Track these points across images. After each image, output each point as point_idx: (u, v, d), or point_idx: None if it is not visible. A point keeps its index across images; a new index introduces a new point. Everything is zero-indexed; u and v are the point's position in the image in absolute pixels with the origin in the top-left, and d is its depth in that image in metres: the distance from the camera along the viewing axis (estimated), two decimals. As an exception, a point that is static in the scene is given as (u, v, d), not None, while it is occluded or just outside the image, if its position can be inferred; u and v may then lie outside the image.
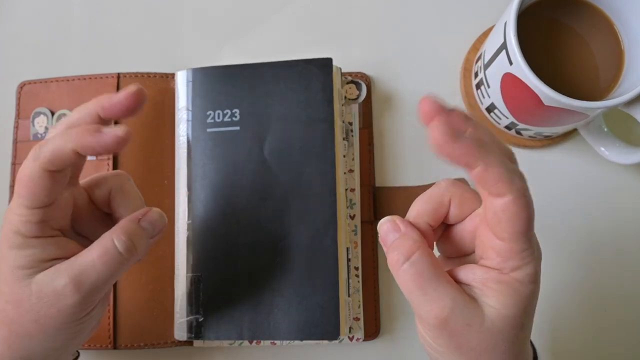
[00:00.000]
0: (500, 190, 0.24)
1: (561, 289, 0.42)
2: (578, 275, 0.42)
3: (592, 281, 0.42)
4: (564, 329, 0.42)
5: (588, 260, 0.42)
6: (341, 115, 0.40)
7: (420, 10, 0.45)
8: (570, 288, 0.42)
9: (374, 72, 0.44)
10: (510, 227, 0.24)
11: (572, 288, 0.42)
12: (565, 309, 0.42)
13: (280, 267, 0.37)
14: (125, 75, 0.42)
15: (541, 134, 0.41)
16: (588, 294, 0.42)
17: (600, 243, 0.42)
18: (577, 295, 0.42)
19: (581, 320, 0.42)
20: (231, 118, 0.39)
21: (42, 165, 0.27)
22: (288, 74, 0.38)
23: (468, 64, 0.44)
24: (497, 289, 0.25)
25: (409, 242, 0.26)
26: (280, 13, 0.46)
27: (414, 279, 0.26)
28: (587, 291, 0.42)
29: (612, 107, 0.34)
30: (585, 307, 0.42)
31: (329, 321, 0.35)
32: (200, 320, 0.37)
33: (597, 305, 0.42)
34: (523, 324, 0.26)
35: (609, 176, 0.43)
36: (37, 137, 0.42)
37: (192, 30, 0.46)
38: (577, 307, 0.42)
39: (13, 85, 0.44)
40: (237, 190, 0.38)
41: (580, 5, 0.38)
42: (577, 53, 0.38)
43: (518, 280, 0.25)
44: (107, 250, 0.28)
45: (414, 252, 0.26)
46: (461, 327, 0.25)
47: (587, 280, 0.42)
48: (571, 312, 0.42)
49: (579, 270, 0.42)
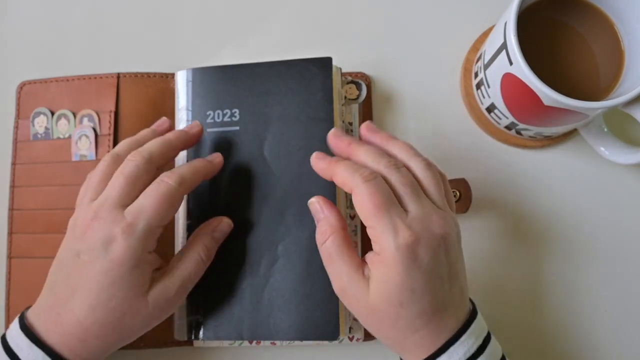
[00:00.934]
0: (348, 189, 0.31)
1: (560, 288, 0.42)
2: (578, 274, 0.42)
3: (592, 281, 0.42)
4: (563, 329, 0.42)
5: (588, 259, 0.42)
6: (341, 115, 0.40)
7: (420, 10, 0.45)
8: (570, 288, 0.42)
9: (374, 72, 0.44)
10: (361, 214, 0.31)
11: (572, 288, 0.42)
12: (564, 309, 0.42)
13: (281, 268, 0.37)
14: (125, 75, 0.42)
15: (541, 134, 0.41)
16: (588, 294, 0.42)
17: (600, 243, 0.42)
18: (576, 295, 0.42)
19: (581, 320, 0.42)
20: (231, 118, 0.39)
21: (185, 190, 0.34)
22: (288, 73, 0.38)
23: (468, 64, 0.44)
24: (374, 267, 0.31)
25: (327, 226, 0.33)
26: (280, 13, 0.46)
27: (326, 257, 0.33)
28: (586, 291, 0.42)
29: (612, 107, 0.34)
30: (585, 306, 0.42)
31: (328, 321, 0.35)
32: (200, 321, 0.37)
33: (597, 305, 0.42)
34: (400, 301, 0.30)
35: (609, 176, 0.43)
36: (37, 137, 0.42)
37: (192, 30, 0.46)
38: (577, 306, 0.42)
39: (13, 85, 0.44)
40: (237, 190, 0.38)
41: (581, 5, 0.38)
42: (577, 53, 0.38)
43: (384, 258, 0.30)
44: (198, 263, 0.34)
45: (328, 237, 0.32)
46: (354, 300, 0.31)
47: (587, 280, 0.42)
48: (571, 312, 0.42)
49: (579, 269, 0.42)
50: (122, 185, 0.32)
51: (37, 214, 0.41)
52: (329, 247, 0.32)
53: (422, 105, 0.44)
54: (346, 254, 0.32)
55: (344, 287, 0.31)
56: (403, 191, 0.31)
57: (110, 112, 0.42)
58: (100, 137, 0.41)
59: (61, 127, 0.42)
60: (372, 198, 0.30)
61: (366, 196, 0.30)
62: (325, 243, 0.32)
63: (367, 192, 0.30)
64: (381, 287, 0.30)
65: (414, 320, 0.30)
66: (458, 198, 0.40)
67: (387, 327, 0.31)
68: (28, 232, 0.41)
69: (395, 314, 0.30)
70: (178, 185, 0.33)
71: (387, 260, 0.30)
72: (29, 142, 0.42)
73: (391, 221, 0.30)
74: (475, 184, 0.42)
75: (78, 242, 0.32)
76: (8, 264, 0.41)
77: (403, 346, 0.31)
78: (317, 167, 0.34)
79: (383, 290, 0.30)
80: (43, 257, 0.41)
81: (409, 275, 0.29)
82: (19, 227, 0.42)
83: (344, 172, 0.32)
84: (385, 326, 0.31)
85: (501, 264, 0.42)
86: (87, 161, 0.41)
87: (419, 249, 0.30)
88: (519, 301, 0.42)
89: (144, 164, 0.33)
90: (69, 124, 0.42)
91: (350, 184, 0.31)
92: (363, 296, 0.30)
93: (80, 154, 0.41)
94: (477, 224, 0.42)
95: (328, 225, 0.33)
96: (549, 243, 0.42)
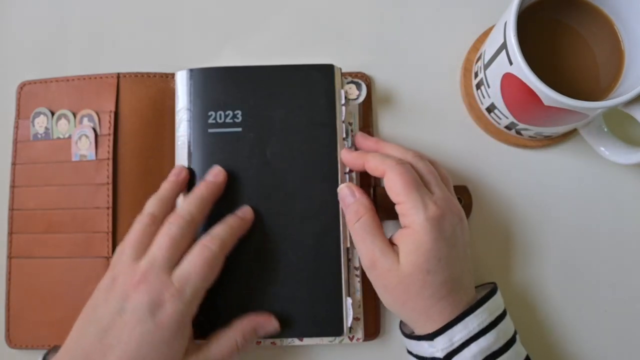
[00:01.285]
0: (379, 172, 0.35)
1: (560, 288, 0.42)
2: (577, 274, 0.42)
3: (592, 281, 0.42)
4: (563, 329, 0.42)
5: (587, 259, 0.42)
6: (341, 115, 0.40)
7: (420, 10, 0.45)
8: (570, 288, 0.42)
9: (374, 72, 0.44)
10: (393, 191, 0.34)
11: (572, 288, 0.42)
12: (564, 309, 0.42)
13: (283, 268, 0.38)
14: (125, 75, 0.42)
15: (541, 134, 0.41)
16: (588, 294, 0.42)
17: (600, 243, 0.42)
18: (576, 295, 0.42)
19: (581, 320, 0.42)
20: (233, 119, 0.39)
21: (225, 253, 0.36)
22: (291, 78, 0.39)
23: (468, 64, 0.44)
24: (403, 240, 0.34)
25: (360, 206, 0.36)
26: (281, 13, 0.46)
27: (360, 233, 0.35)
28: (586, 291, 0.42)
29: (612, 107, 0.34)
30: (585, 306, 0.42)
31: (332, 318, 0.36)
32: (201, 320, 0.37)
33: (596, 305, 0.42)
34: (428, 269, 0.33)
35: (609, 176, 0.43)
36: (37, 137, 0.42)
37: (192, 30, 0.46)
38: (577, 306, 0.42)
39: (13, 85, 0.43)
40: (239, 191, 0.38)
41: (581, 5, 0.38)
42: (577, 53, 0.38)
43: (414, 229, 0.33)
44: (232, 350, 0.35)
45: (363, 215, 0.35)
46: (385, 271, 0.34)
47: (587, 279, 0.42)
48: (571, 312, 0.42)
49: (579, 269, 0.42)
50: (168, 247, 0.34)
51: (37, 214, 0.41)
52: (363, 224, 0.35)
53: (422, 105, 0.44)
54: (378, 231, 0.35)
55: (376, 260, 0.34)
56: (428, 178, 0.35)
57: (111, 112, 0.42)
58: (101, 137, 0.41)
59: (61, 127, 0.42)
60: (403, 177, 0.34)
61: (398, 175, 0.34)
62: (360, 221, 0.35)
63: (399, 172, 0.34)
64: (411, 256, 0.33)
65: (440, 288, 0.34)
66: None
67: (414, 296, 0.34)
68: (28, 232, 0.41)
69: (423, 281, 0.33)
70: (220, 250, 0.35)
71: (417, 230, 0.33)
72: (29, 142, 0.42)
73: (420, 197, 0.34)
74: (474, 184, 0.42)
75: (121, 301, 0.32)
76: (8, 264, 0.41)
77: (428, 314, 0.34)
78: (346, 157, 0.38)
79: (413, 259, 0.33)
80: (43, 257, 0.41)
81: (436, 244, 0.33)
82: (19, 227, 0.42)
83: (375, 159, 0.36)
84: (412, 295, 0.34)
85: (501, 263, 0.42)
86: (87, 161, 0.41)
87: (444, 222, 0.34)
88: (518, 301, 0.42)
89: (187, 226, 0.35)
90: (69, 124, 0.42)
91: (383, 167, 0.35)
92: (394, 266, 0.34)
93: (80, 154, 0.41)
94: (477, 223, 0.42)
95: (362, 205, 0.36)
96: (548, 243, 0.43)
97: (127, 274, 0.33)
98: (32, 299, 0.41)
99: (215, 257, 0.35)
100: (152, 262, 0.33)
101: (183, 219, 0.35)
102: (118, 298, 0.33)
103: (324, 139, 0.38)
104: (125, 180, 0.41)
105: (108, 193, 0.40)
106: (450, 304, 0.34)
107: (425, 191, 0.34)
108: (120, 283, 0.33)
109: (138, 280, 0.33)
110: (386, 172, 0.35)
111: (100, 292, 0.34)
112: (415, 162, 0.36)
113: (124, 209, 0.41)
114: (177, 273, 0.33)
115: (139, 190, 0.41)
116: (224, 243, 0.35)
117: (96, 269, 0.40)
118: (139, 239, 0.34)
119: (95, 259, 0.40)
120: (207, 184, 0.37)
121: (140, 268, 0.33)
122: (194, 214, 0.35)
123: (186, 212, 0.35)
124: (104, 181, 0.41)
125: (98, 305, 0.33)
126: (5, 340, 0.41)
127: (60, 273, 0.40)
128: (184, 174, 0.38)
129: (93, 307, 0.34)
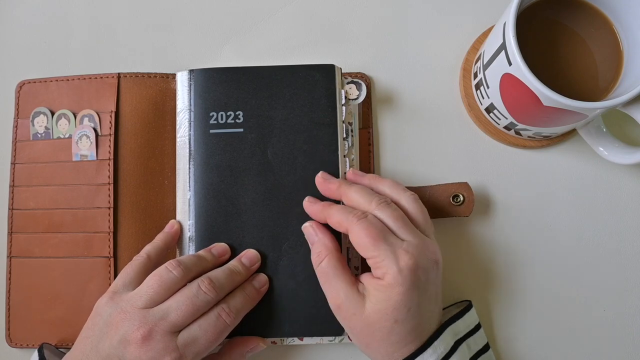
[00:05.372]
0: (343, 229, 0.34)
1: (560, 288, 0.42)
2: (577, 274, 0.42)
3: (592, 281, 0.42)
4: (563, 329, 0.42)
5: (587, 259, 0.42)
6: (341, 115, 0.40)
7: (420, 11, 0.45)
8: (570, 287, 0.42)
9: (374, 72, 0.44)
10: (361, 247, 0.33)
11: (571, 287, 0.42)
12: (564, 309, 0.42)
13: (284, 268, 0.38)
14: (125, 76, 0.42)
15: (540, 134, 0.41)
16: (587, 294, 0.42)
17: (600, 243, 0.43)
18: (576, 295, 0.42)
19: (580, 320, 0.42)
20: (235, 120, 0.39)
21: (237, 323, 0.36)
22: (292, 78, 0.39)
23: (467, 65, 0.44)
24: (374, 287, 0.33)
25: (322, 248, 0.35)
26: (281, 13, 0.46)
27: (323, 276, 0.35)
28: (586, 291, 0.42)
29: (611, 107, 0.34)
30: (585, 306, 0.42)
31: (332, 318, 0.36)
32: None
33: (596, 305, 0.42)
34: (396, 318, 0.32)
35: (608, 176, 0.43)
36: (37, 137, 0.42)
37: (192, 31, 0.46)
38: (576, 306, 0.42)
39: (13, 85, 0.43)
40: (240, 191, 0.38)
41: (580, 6, 0.38)
42: (576, 54, 0.38)
43: (387, 282, 0.32)
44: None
45: (324, 258, 0.35)
46: (350, 314, 0.34)
47: (586, 279, 0.42)
48: (570, 311, 0.42)
49: (578, 269, 0.42)
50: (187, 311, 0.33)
51: (37, 214, 0.41)
52: (325, 267, 0.35)
53: (421, 106, 0.44)
54: (342, 272, 0.34)
55: (341, 303, 0.34)
56: (396, 225, 0.34)
57: (111, 112, 0.42)
58: (101, 137, 0.41)
59: (62, 127, 0.42)
60: (368, 232, 0.33)
61: (362, 231, 0.33)
62: (322, 264, 0.35)
63: (363, 227, 0.33)
64: (379, 305, 0.33)
65: (406, 336, 0.33)
66: (461, 202, 0.40)
67: (378, 341, 0.33)
68: (28, 231, 0.41)
69: (390, 329, 0.33)
70: (233, 321, 0.35)
71: (390, 282, 0.32)
72: (29, 141, 0.42)
73: (390, 247, 0.32)
74: (474, 184, 0.42)
75: (121, 347, 0.33)
76: (8, 264, 0.41)
77: (393, 357, 0.34)
78: (310, 210, 0.37)
79: (380, 307, 0.32)
80: (43, 256, 0.41)
81: (407, 295, 0.32)
82: (19, 227, 0.42)
83: (337, 215, 0.35)
84: (377, 339, 0.33)
85: (500, 263, 0.42)
86: (87, 161, 0.41)
87: (418, 271, 0.32)
88: (518, 300, 0.42)
89: (215, 296, 0.34)
90: (70, 123, 0.42)
91: (346, 225, 0.34)
92: (359, 311, 0.33)
93: (81, 154, 0.41)
94: (477, 224, 0.43)
95: (323, 246, 0.35)
96: (548, 242, 0.43)
97: (133, 320, 0.33)
98: (32, 299, 0.41)
99: (227, 328, 0.35)
100: (161, 319, 0.33)
101: (214, 290, 0.34)
102: (120, 339, 0.33)
103: (325, 139, 0.38)
104: (126, 180, 0.41)
105: (109, 193, 0.41)
106: (416, 346, 0.33)
107: (394, 240, 0.33)
108: (125, 326, 0.33)
109: (142, 335, 0.32)
110: (349, 229, 0.33)
111: (101, 319, 0.34)
112: (380, 210, 0.34)
113: (125, 209, 0.41)
114: (184, 335, 0.33)
115: (139, 190, 0.41)
116: (238, 314, 0.35)
117: (96, 269, 0.40)
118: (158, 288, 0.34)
119: (96, 258, 0.40)
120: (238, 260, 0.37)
121: (149, 322, 0.33)
122: (224, 285, 0.35)
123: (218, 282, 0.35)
124: (105, 181, 0.41)
125: (101, 338, 0.33)
126: (6, 339, 0.41)
127: (60, 273, 0.40)
128: (176, 227, 0.39)
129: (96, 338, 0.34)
